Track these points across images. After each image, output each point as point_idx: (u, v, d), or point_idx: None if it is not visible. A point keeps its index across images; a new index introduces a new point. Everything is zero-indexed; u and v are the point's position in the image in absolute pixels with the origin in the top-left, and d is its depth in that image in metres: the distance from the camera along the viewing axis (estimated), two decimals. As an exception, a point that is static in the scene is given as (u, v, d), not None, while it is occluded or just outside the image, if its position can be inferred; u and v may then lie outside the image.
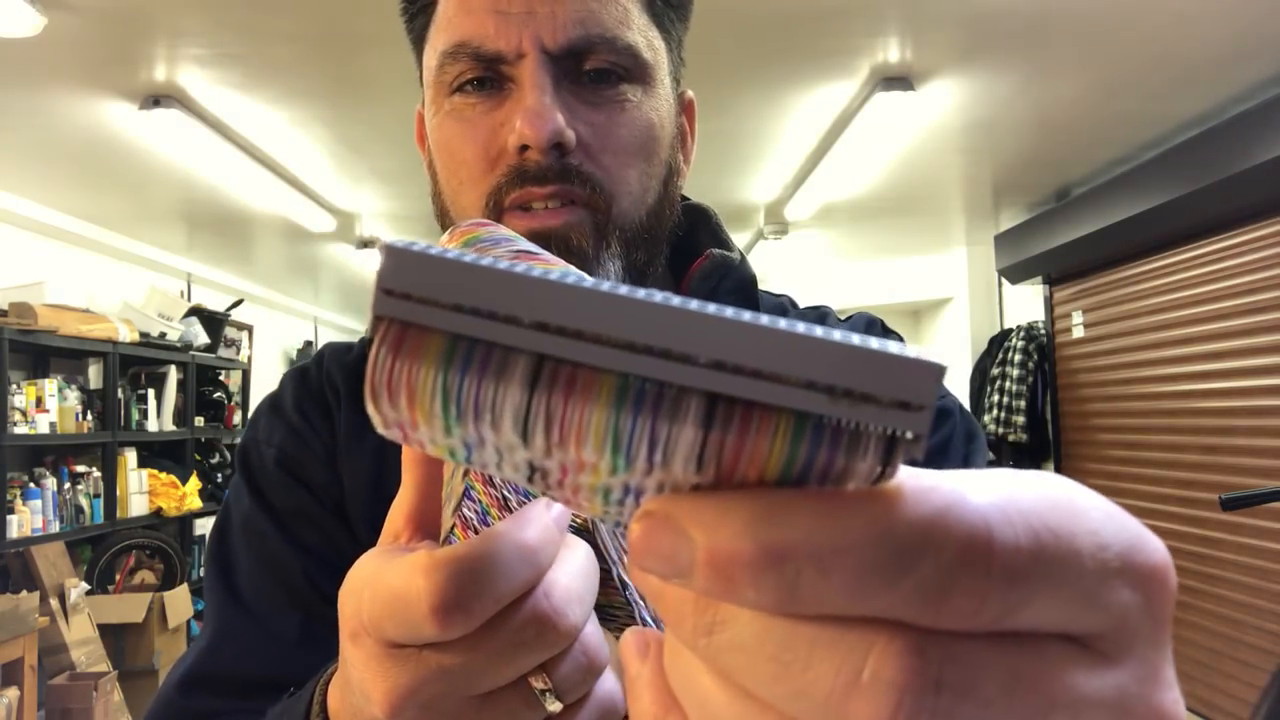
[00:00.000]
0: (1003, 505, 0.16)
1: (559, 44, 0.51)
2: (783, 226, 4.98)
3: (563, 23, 0.51)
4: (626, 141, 0.54)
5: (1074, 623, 0.16)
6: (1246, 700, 3.52)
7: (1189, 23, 2.58)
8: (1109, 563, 0.17)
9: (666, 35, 0.58)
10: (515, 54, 0.51)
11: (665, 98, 0.58)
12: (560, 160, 0.52)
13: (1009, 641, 0.16)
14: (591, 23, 0.51)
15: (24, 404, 3.76)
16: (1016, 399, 5.15)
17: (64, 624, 3.56)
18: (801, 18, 2.51)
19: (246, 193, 3.95)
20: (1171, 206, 3.70)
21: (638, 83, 0.54)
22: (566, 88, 0.52)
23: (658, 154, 0.57)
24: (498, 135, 0.53)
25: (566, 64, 0.52)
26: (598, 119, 0.53)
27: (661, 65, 0.57)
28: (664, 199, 0.59)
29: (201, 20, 2.41)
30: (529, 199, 0.53)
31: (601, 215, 0.54)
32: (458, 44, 0.52)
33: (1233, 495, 2.23)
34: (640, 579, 0.17)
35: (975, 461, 0.62)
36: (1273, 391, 3.48)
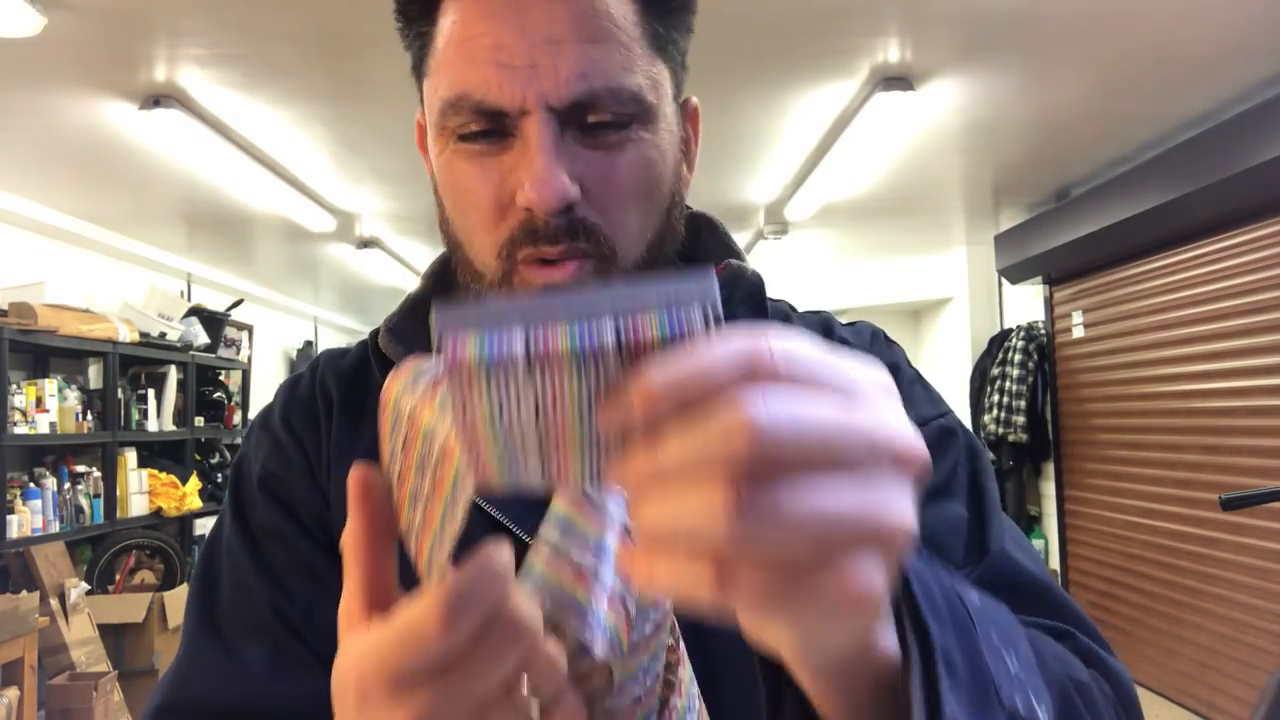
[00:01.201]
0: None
1: (563, 100, 0.51)
2: (783, 226, 4.98)
3: (565, 78, 0.51)
4: (629, 185, 0.55)
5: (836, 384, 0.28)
6: (1246, 700, 3.52)
7: (1189, 23, 2.58)
8: (850, 363, 0.29)
9: (669, 60, 0.58)
10: (519, 110, 0.51)
11: (668, 129, 0.58)
12: (567, 217, 0.53)
13: None
14: (594, 74, 0.51)
15: (24, 404, 3.76)
16: (1016, 399, 5.15)
17: (64, 624, 3.56)
18: (801, 18, 2.51)
19: (246, 193, 3.95)
20: (1171, 206, 3.71)
21: (639, 124, 0.55)
22: (571, 136, 0.53)
23: (660, 189, 0.58)
24: (506, 183, 0.53)
25: (568, 114, 0.52)
26: (603, 168, 0.54)
27: (665, 97, 0.57)
28: (665, 229, 0.60)
29: (201, 20, 2.41)
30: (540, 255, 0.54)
31: (603, 261, 0.55)
32: (460, 95, 0.52)
33: (1233, 495, 2.23)
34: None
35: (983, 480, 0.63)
36: (1273, 391, 3.48)
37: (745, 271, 0.66)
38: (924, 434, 0.64)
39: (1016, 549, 0.59)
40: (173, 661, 0.60)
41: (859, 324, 0.71)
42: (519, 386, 0.27)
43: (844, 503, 0.25)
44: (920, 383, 0.68)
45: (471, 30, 0.52)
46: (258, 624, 0.58)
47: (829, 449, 0.26)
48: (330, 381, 0.66)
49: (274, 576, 0.60)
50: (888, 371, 0.29)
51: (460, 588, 0.31)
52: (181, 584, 4.45)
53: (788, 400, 0.26)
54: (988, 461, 0.64)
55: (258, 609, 0.59)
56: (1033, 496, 5.46)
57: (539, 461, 0.29)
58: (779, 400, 0.25)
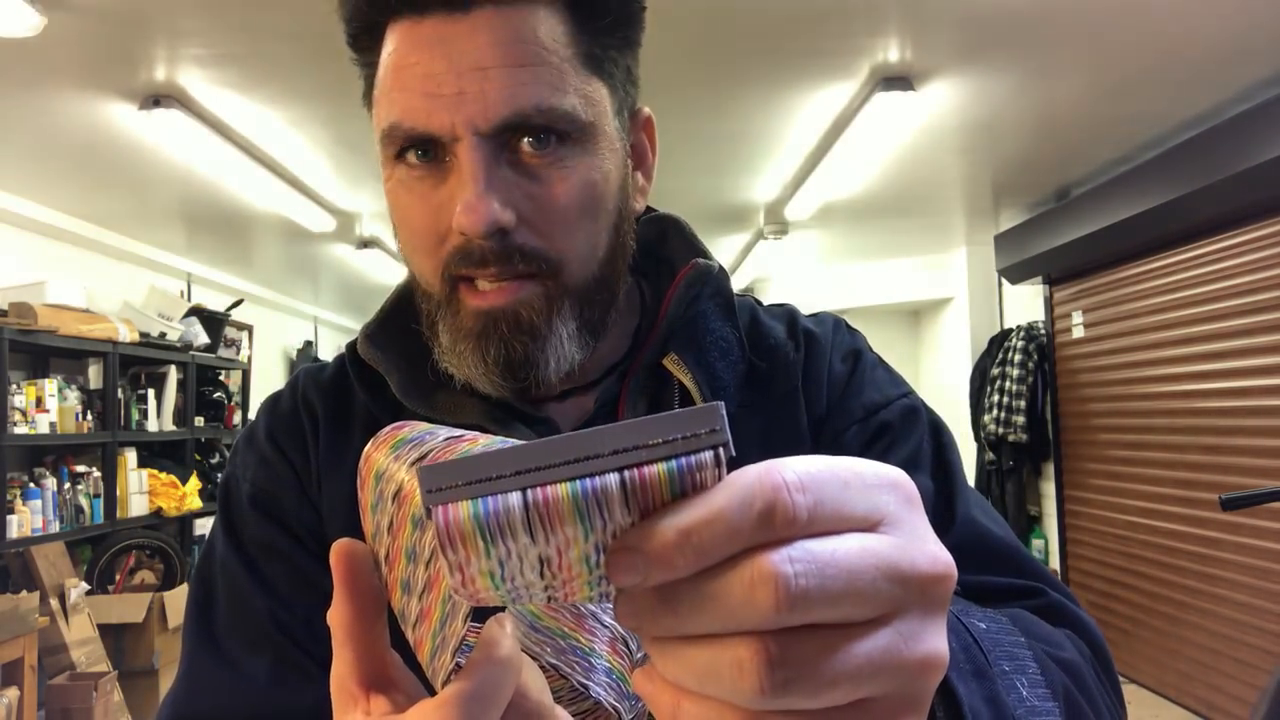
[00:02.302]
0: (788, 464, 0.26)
1: (491, 124, 0.52)
2: (783, 226, 4.98)
3: (493, 102, 0.51)
4: (568, 209, 0.55)
5: (852, 521, 0.26)
6: (1246, 700, 3.52)
7: (1189, 23, 2.58)
8: (868, 479, 0.27)
9: (607, 77, 0.58)
10: (450, 136, 0.52)
11: (610, 147, 0.58)
12: (502, 242, 0.53)
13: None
14: (523, 97, 0.52)
15: (24, 404, 3.76)
16: (1016, 399, 5.15)
17: (64, 624, 3.56)
18: (801, 18, 2.51)
19: (246, 193, 3.95)
20: (1171, 206, 3.70)
21: (576, 144, 0.55)
22: (505, 161, 0.53)
23: (603, 208, 0.58)
24: (443, 210, 0.54)
25: (501, 139, 0.53)
26: (538, 191, 0.54)
27: (603, 115, 0.57)
28: (615, 245, 0.61)
29: (201, 20, 2.41)
30: (473, 277, 0.56)
31: (550, 283, 0.56)
32: (394, 124, 0.54)
33: (1233, 495, 2.23)
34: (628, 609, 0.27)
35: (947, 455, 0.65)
36: (1273, 391, 3.48)
37: (712, 269, 0.68)
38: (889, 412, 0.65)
39: (983, 515, 0.61)
40: (175, 680, 0.61)
41: (822, 314, 0.72)
42: (519, 545, 0.25)
43: (876, 648, 0.25)
44: (882, 365, 0.70)
45: (405, 60, 0.53)
46: (258, 637, 0.59)
47: (858, 594, 0.25)
48: (313, 395, 0.67)
49: (271, 590, 0.60)
50: (901, 471, 0.28)
51: (473, 693, 0.30)
52: (181, 584, 4.45)
53: (811, 549, 0.25)
54: (951, 437, 0.66)
55: (258, 622, 0.59)
56: (1033, 496, 5.45)
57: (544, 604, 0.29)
58: (802, 551, 0.24)
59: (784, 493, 0.25)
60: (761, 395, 0.65)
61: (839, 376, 0.66)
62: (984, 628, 0.43)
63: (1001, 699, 0.39)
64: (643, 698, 0.28)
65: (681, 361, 0.62)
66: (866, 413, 0.65)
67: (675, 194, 4.39)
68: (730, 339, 0.65)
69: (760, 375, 0.65)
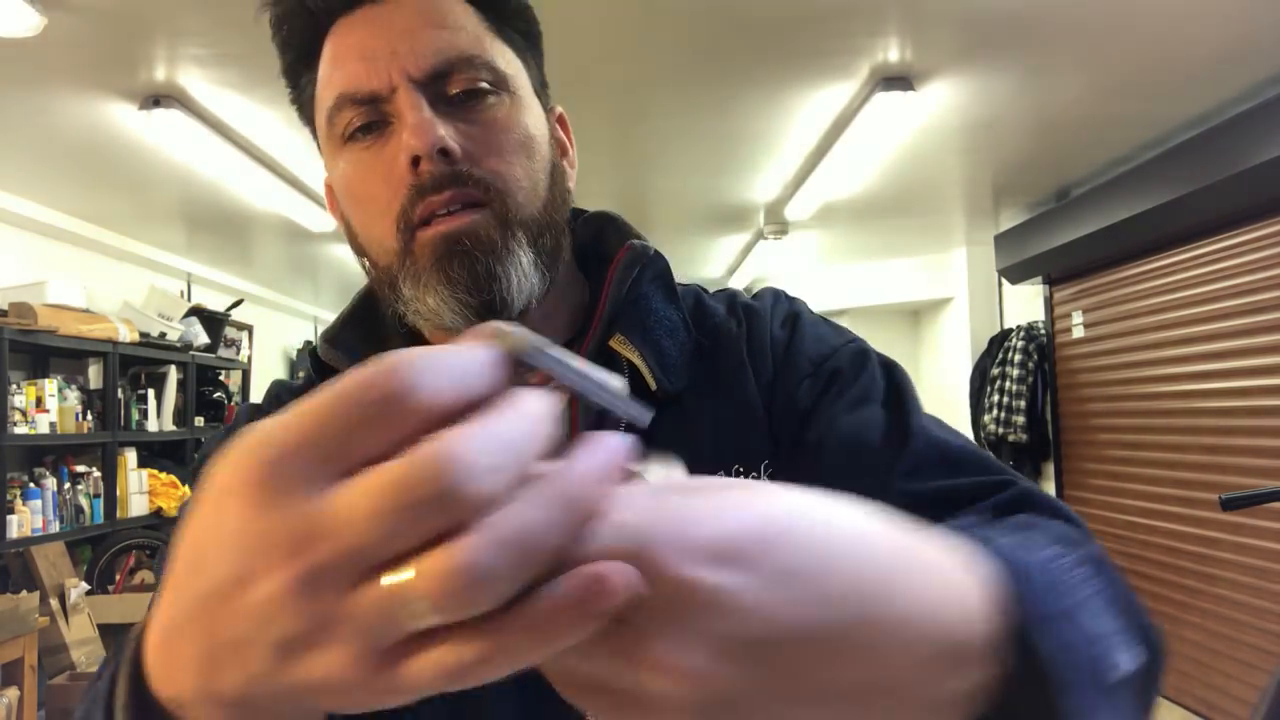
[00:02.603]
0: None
1: (423, 70, 0.58)
2: (783, 226, 4.98)
3: (422, 53, 0.58)
4: (505, 143, 0.60)
5: None
6: (1246, 700, 3.52)
7: (1189, 23, 2.58)
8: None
9: (521, 56, 0.64)
10: (388, 89, 0.58)
11: (533, 106, 0.64)
12: (451, 167, 0.57)
13: None
14: (448, 48, 0.58)
15: (24, 404, 3.76)
16: (1016, 399, 5.15)
17: (64, 624, 3.56)
18: (801, 18, 2.51)
19: (246, 193, 3.95)
20: (1171, 206, 3.71)
21: (503, 91, 0.61)
22: (441, 109, 0.58)
23: (537, 151, 0.63)
24: (393, 165, 0.58)
25: (435, 88, 0.58)
26: (474, 131, 0.59)
27: (521, 77, 0.63)
28: (554, 191, 0.65)
29: (201, 20, 2.41)
30: (431, 209, 0.58)
31: (500, 210, 0.59)
32: (338, 96, 0.59)
33: (1233, 495, 2.23)
34: None
35: (900, 382, 0.65)
36: (1273, 391, 3.48)
37: (648, 251, 0.70)
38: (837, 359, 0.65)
39: (938, 428, 0.62)
40: None
41: (761, 290, 0.74)
42: None
43: None
44: (825, 322, 0.72)
45: (342, 45, 0.60)
46: None
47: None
48: (287, 400, 0.70)
49: None
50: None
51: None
52: (181, 584, 4.45)
53: None
54: (905, 375, 0.67)
55: None
56: (1033, 496, 5.45)
57: None
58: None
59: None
60: (710, 372, 0.66)
61: (780, 340, 0.68)
62: (1047, 554, 0.41)
63: (1082, 630, 0.37)
64: None
65: (628, 341, 0.64)
66: (814, 365, 0.66)
67: (675, 194, 4.39)
68: (675, 319, 0.68)
69: (706, 353, 0.67)
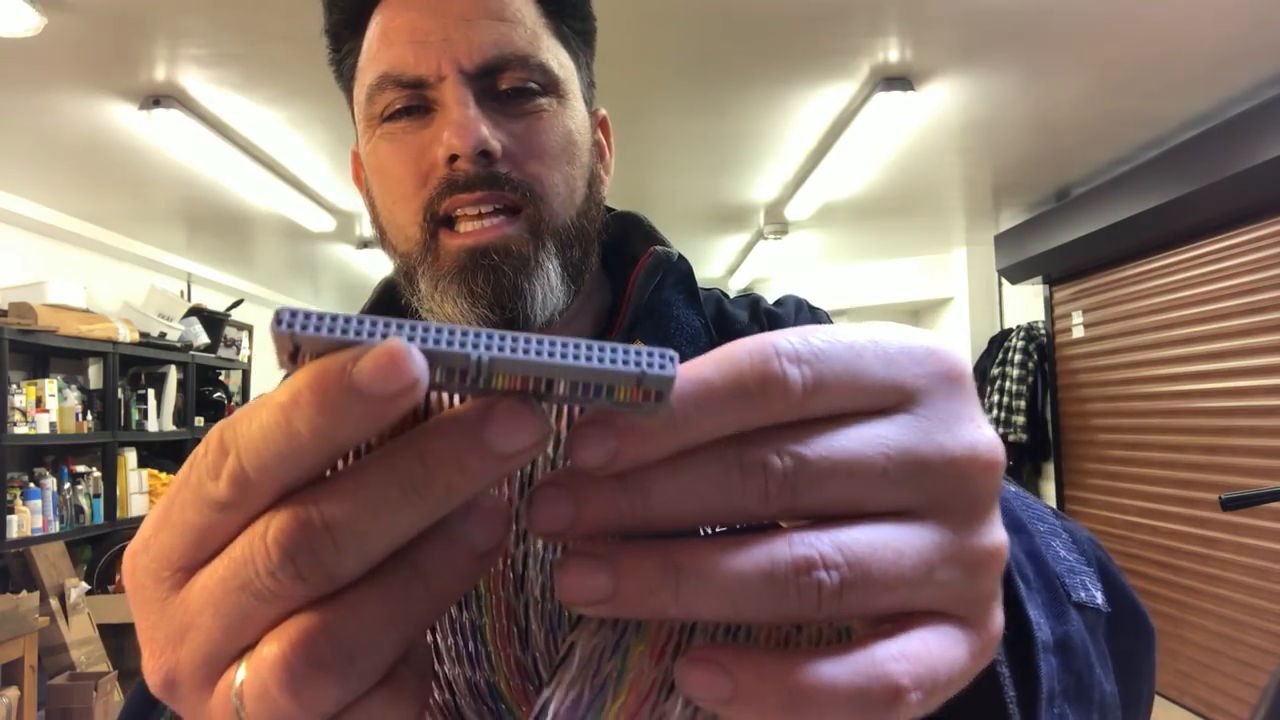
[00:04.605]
0: (786, 332, 0.22)
1: (475, 64, 0.55)
2: (783, 226, 4.98)
3: (477, 45, 0.55)
4: (547, 147, 0.58)
5: (866, 398, 0.23)
6: (1246, 700, 3.52)
7: (1189, 23, 2.58)
8: (890, 349, 0.23)
9: (575, 56, 0.62)
10: (436, 77, 0.56)
11: (579, 110, 0.62)
12: (488, 168, 0.55)
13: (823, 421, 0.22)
14: (504, 43, 0.56)
15: (24, 404, 3.76)
16: (1016, 399, 5.15)
17: (64, 624, 3.56)
18: (801, 18, 2.51)
19: (246, 193, 3.95)
20: (1171, 206, 3.71)
21: (552, 95, 0.59)
22: (487, 105, 0.56)
23: (578, 158, 0.61)
24: (428, 152, 0.56)
25: (484, 83, 0.56)
26: (518, 129, 0.57)
27: (572, 80, 0.61)
28: (590, 200, 0.63)
29: (201, 20, 2.41)
30: (458, 206, 0.56)
31: (533, 218, 0.57)
32: (382, 75, 0.57)
33: (1233, 495, 2.23)
34: None
35: None
36: (1273, 391, 3.48)
37: (672, 256, 0.69)
38: None
39: None
40: None
41: (784, 298, 0.73)
42: None
43: (912, 547, 0.22)
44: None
45: (393, 22, 0.57)
46: None
47: (868, 488, 0.23)
48: None
49: None
50: (939, 339, 0.25)
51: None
52: (181, 584, 4.45)
53: (808, 435, 0.22)
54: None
55: None
56: (1033, 496, 5.45)
57: None
58: (795, 438, 0.22)
59: (775, 363, 0.21)
60: None
61: None
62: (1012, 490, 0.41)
63: (1042, 554, 0.38)
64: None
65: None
66: None
67: (675, 194, 4.39)
68: (696, 325, 0.66)
69: None
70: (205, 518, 0.22)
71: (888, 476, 0.22)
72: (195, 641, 0.22)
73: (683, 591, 0.21)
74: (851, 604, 0.21)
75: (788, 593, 0.21)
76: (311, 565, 0.20)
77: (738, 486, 0.21)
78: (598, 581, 0.21)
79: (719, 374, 0.21)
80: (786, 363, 0.21)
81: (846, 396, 0.22)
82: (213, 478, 0.21)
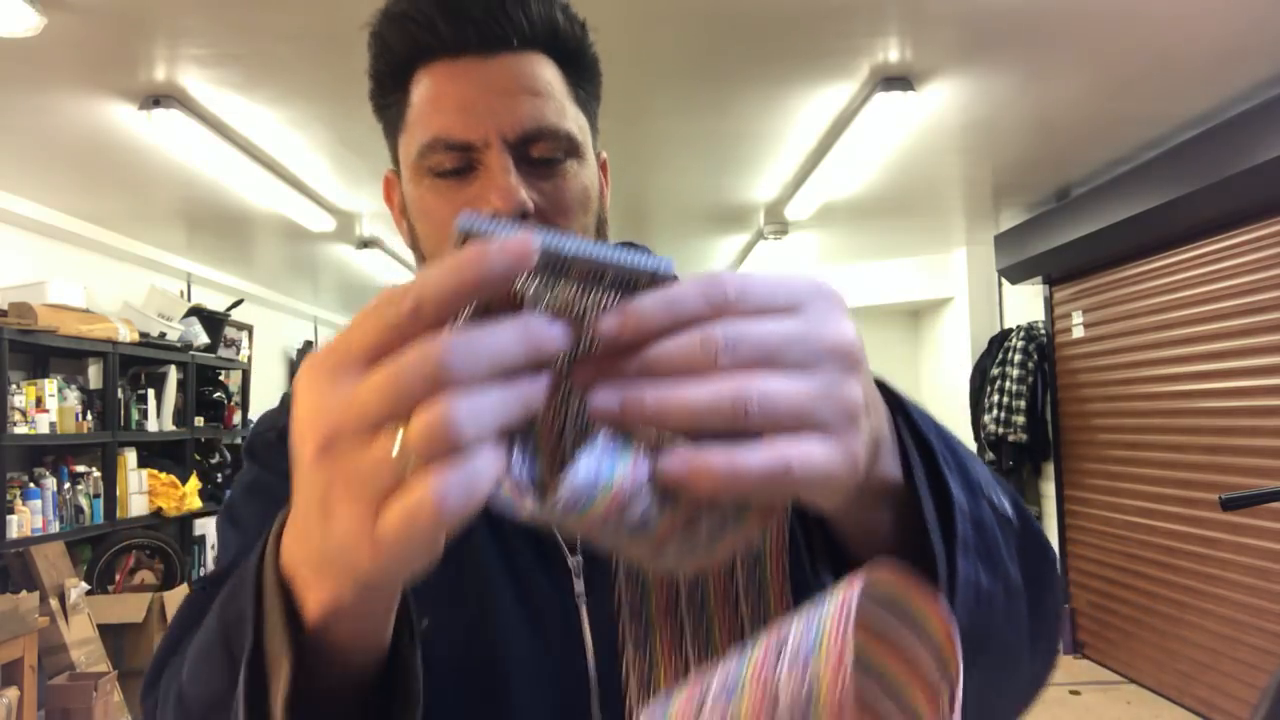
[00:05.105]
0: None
1: (516, 135, 0.65)
2: (783, 226, 4.98)
3: (518, 118, 0.65)
4: (570, 203, 0.68)
5: (775, 304, 0.36)
6: (1246, 700, 3.52)
7: (1189, 23, 2.58)
8: (792, 281, 0.37)
9: (589, 114, 0.73)
10: (482, 143, 0.65)
11: (592, 164, 0.72)
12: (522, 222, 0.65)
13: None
14: (539, 117, 0.66)
15: (24, 404, 3.76)
16: (1016, 399, 5.15)
17: (64, 624, 3.56)
18: (801, 18, 2.51)
19: (246, 193, 3.95)
20: (1171, 206, 3.71)
21: (574, 157, 0.69)
22: (522, 169, 0.66)
23: (591, 206, 0.71)
24: (473, 205, 0.66)
25: (520, 149, 0.66)
26: (547, 188, 0.67)
27: (587, 139, 0.71)
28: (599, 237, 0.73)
29: (201, 20, 2.41)
30: None
31: None
32: (434, 138, 0.66)
33: (1233, 495, 2.23)
34: None
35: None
36: (1273, 391, 3.48)
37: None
38: None
39: None
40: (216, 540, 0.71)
41: None
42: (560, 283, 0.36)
43: (804, 389, 0.35)
44: None
45: (442, 90, 0.66)
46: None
47: (771, 354, 0.34)
48: None
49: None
50: (827, 279, 0.38)
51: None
52: (181, 584, 4.45)
53: (738, 322, 0.35)
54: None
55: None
56: (1033, 496, 5.45)
57: None
58: (730, 323, 0.34)
59: (721, 282, 0.35)
60: None
61: None
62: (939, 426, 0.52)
63: (965, 461, 0.49)
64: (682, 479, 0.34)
65: None
66: None
67: (675, 194, 4.39)
68: None
69: None
70: (384, 334, 0.33)
71: (788, 344, 0.35)
72: (362, 410, 0.32)
73: (664, 407, 0.34)
74: (764, 420, 0.33)
75: (721, 409, 0.33)
76: (465, 363, 0.31)
77: (698, 349, 0.34)
78: (611, 400, 0.34)
79: (687, 286, 0.35)
80: (728, 284, 0.35)
81: (762, 302, 0.35)
82: (395, 304, 0.32)
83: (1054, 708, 4.24)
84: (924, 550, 0.44)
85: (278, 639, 0.40)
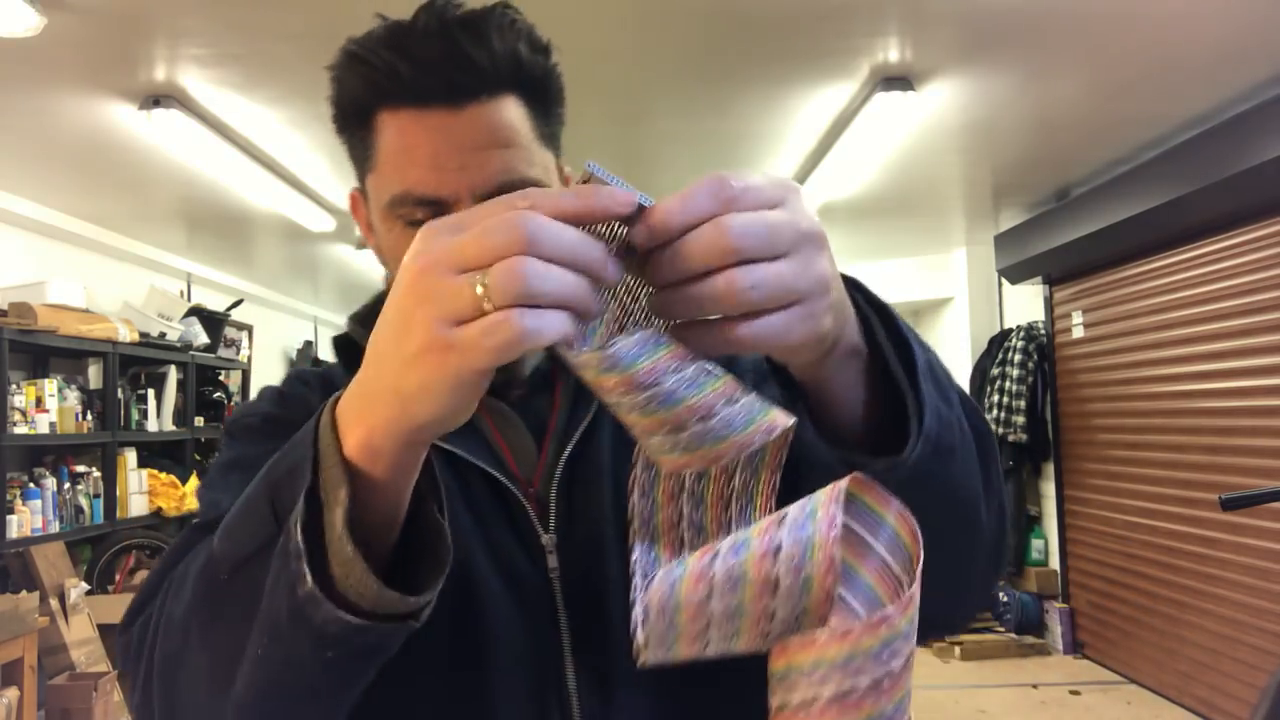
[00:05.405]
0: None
1: (486, 189, 0.67)
2: (783, 226, 4.98)
3: (489, 175, 0.67)
4: None
5: (767, 201, 0.44)
6: (1246, 700, 3.52)
7: (1189, 23, 2.58)
8: (774, 179, 0.45)
9: (554, 148, 0.74)
10: (453, 199, 0.67)
11: None
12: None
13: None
14: (509, 170, 0.68)
15: (24, 404, 3.76)
16: (1016, 399, 5.15)
17: (64, 624, 3.56)
18: (801, 18, 2.51)
19: (246, 193, 3.95)
20: (1171, 206, 3.71)
21: None
22: None
23: None
24: None
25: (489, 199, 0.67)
26: None
27: (553, 178, 0.74)
28: None
29: (201, 20, 2.41)
30: None
31: None
32: (405, 192, 0.68)
33: (1233, 495, 2.23)
34: None
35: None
36: (1273, 391, 3.48)
37: None
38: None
39: None
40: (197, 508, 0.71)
41: None
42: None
43: (790, 268, 0.43)
44: None
45: (413, 141, 0.67)
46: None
47: (770, 237, 0.42)
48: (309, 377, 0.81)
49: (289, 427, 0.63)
50: (790, 179, 0.46)
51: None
52: (181, 584, 4.44)
53: (745, 213, 0.42)
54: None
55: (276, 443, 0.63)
56: (1033, 496, 5.45)
57: None
58: (740, 215, 0.42)
59: (727, 180, 0.42)
60: None
61: None
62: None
63: (930, 351, 0.57)
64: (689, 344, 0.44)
65: None
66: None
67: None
68: None
69: None
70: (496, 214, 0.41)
71: (775, 231, 0.42)
72: (457, 251, 0.40)
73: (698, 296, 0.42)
74: (755, 296, 0.42)
75: (719, 287, 0.41)
76: (545, 238, 0.39)
77: (711, 237, 0.41)
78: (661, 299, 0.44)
79: (696, 187, 0.42)
80: (732, 181, 0.42)
81: (758, 199, 0.43)
82: (515, 201, 0.41)
83: (1054, 708, 4.24)
84: (891, 398, 0.53)
85: (334, 472, 0.46)
